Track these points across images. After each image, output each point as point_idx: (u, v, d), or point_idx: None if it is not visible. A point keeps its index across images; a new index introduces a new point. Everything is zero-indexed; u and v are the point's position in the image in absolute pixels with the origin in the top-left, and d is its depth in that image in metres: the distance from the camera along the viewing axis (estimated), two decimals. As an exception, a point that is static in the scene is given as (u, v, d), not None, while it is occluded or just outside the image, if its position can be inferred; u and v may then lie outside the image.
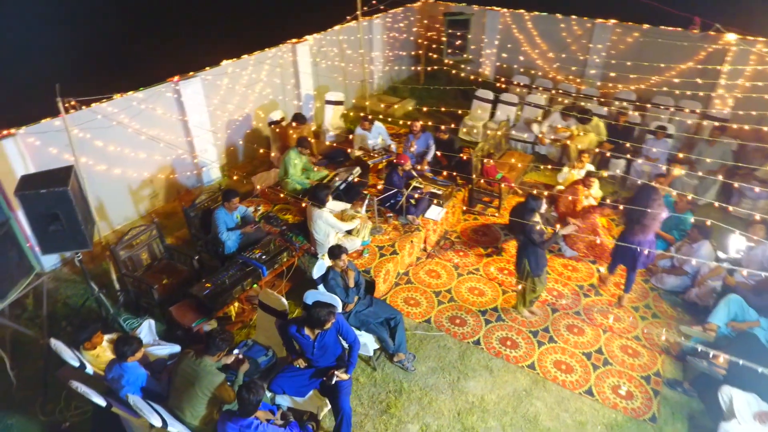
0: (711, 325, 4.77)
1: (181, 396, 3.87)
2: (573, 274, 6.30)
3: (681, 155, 6.81)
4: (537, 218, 5.23)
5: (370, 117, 8.01)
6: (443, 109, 8.37)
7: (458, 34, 9.99)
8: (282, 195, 6.83)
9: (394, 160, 6.73)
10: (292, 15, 13.83)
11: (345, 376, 4.17)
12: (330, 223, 5.78)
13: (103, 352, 4.39)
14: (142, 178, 7.05)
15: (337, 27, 9.12)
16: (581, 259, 6.53)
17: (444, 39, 10.66)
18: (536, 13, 10.37)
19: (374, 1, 8.37)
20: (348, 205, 6.38)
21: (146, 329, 4.89)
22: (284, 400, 4.42)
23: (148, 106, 6.74)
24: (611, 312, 5.72)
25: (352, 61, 9.86)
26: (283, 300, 4.56)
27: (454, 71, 10.12)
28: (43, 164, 5.71)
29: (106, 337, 4.52)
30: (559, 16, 10.09)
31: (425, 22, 11.48)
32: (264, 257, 5.57)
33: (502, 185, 7.20)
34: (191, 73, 7.21)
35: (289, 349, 4.44)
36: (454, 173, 7.07)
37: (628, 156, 7.66)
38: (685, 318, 5.64)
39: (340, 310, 4.56)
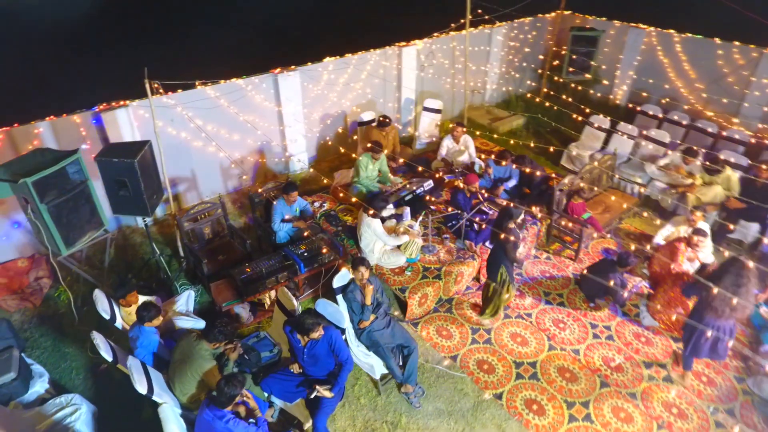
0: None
1: (175, 371, 4.11)
2: (643, 348, 5.31)
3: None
4: (512, 226, 5.00)
5: (462, 125, 7.62)
6: (552, 149, 7.65)
7: (583, 51, 8.99)
8: (341, 195, 6.89)
9: (463, 180, 6.33)
10: (403, 17, 13.77)
11: (328, 394, 4.04)
12: (377, 233, 5.65)
13: (135, 311, 4.85)
14: (233, 158, 7.64)
15: (436, 34, 8.81)
16: (661, 332, 5.47)
17: (557, 55, 9.75)
18: (689, 35, 8.90)
19: (479, 11, 7.89)
20: (403, 221, 6.17)
21: (184, 299, 5.30)
22: (278, 400, 4.45)
23: (247, 93, 7.26)
24: (677, 405, 4.70)
25: (462, 69, 9.49)
26: (294, 301, 4.58)
27: (573, 88, 9.20)
28: (148, 134, 6.51)
29: (143, 297, 4.99)
30: (717, 41, 8.53)
31: (553, 35, 10.57)
32: (306, 254, 5.64)
33: (586, 227, 6.33)
34: (292, 67, 7.57)
35: (290, 350, 4.45)
36: (534, 205, 6.42)
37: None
38: (779, 441, 4.41)
39: (344, 326, 4.44)
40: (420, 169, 7.29)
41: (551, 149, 7.69)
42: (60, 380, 5.01)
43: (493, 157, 7.13)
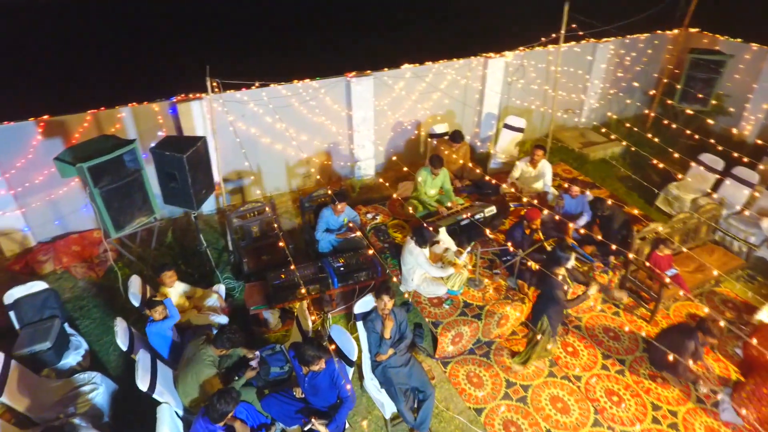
0: None
1: (180, 372, 4.10)
2: (716, 449, 4.36)
3: None
4: (563, 271, 4.59)
5: (543, 148, 6.86)
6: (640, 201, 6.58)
7: (702, 77, 7.72)
8: (398, 208, 6.55)
9: (524, 212, 5.68)
10: (492, 24, 12.87)
11: (323, 430, 3.78)
12: (419, 262, 5.25)
13: (173, 292, 4.97)
14: (299, 158, 7.66)
15: (521, 48, 8.07)
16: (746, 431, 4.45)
17: (673, 78, 8.47)
18: None
19: (573, 26, 6.99)
20: (452, 246, 5.71)
21: (215, 295, 5.34)
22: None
23: (318, 95, 7.21)
24: None
25: (559, 87, 8.66)
26: (309, 321, 4.37)
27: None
28: (219, 127, 6.71)
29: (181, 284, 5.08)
30: None
31: (673, 55, 9.25)
32: (342, 269, 5.43)
33: (668, 286, 5.37)
34: (368, 72, 7.38)
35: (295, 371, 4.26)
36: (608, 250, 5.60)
37: None
38: None
39: (354, 358, 4.14)
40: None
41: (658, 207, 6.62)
42: (98, 353, 5.30)
43: (566, 185, 6.35)
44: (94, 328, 5.60)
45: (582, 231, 5.79)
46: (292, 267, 4.99)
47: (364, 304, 4.58)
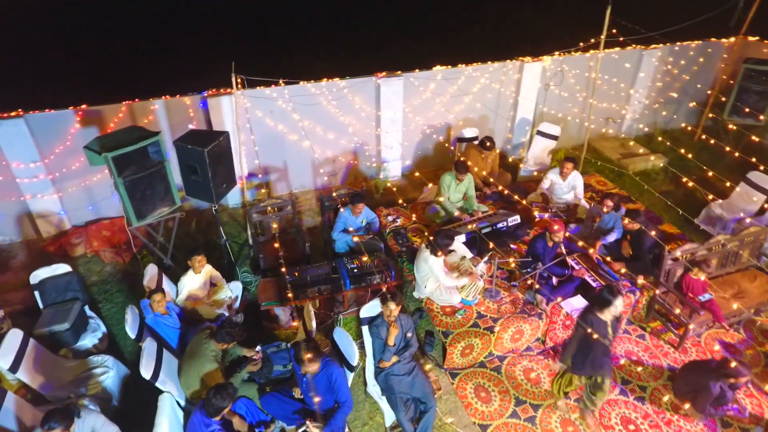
0: None
1: (183, 364, 4.16)
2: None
3: None
4: (606, 316, 4.03)
5: (573, 160, 6.53)
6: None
7: (756, 89, 7.19)
8: (419, 212, 6.43)
9: (547, 224, 5.43)
10: (532, 31, 12.41)
11: (317, 434, 3.74)
12: (433, 270, 5.11)
13: (204, 274, 5.11)
14: (325, 156, 7.66)
15: (558, 53, 7.73)
16: (773, 478, 4.09)
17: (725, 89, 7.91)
18: None
19: (613, 31, 6.59)
20: (468, 254, 5.54)
21: (228, 291, 5.40)
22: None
23: (347, 94, 7.19)
24: None
25: (599, 94, 8.28)
26: (314, 323, 4.34)
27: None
28: (244, 123, 6.79)
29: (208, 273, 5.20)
30: None
31: (728, 64, 8.68)
32: (355, 271, 5.37)
33: (699, 312, 5.01)
34: (398, 72, 7.29)
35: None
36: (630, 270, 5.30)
37: None
38: None
39: (354, 363, 4.07)
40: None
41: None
42: (116, 337, 5.46)
43: (593, 202, 6.04)
44: (115, 313, 5.78)
45: (593, 252, 5.54)
46: (283, 270, 5.02)
47: (371, 308, 4.51)
